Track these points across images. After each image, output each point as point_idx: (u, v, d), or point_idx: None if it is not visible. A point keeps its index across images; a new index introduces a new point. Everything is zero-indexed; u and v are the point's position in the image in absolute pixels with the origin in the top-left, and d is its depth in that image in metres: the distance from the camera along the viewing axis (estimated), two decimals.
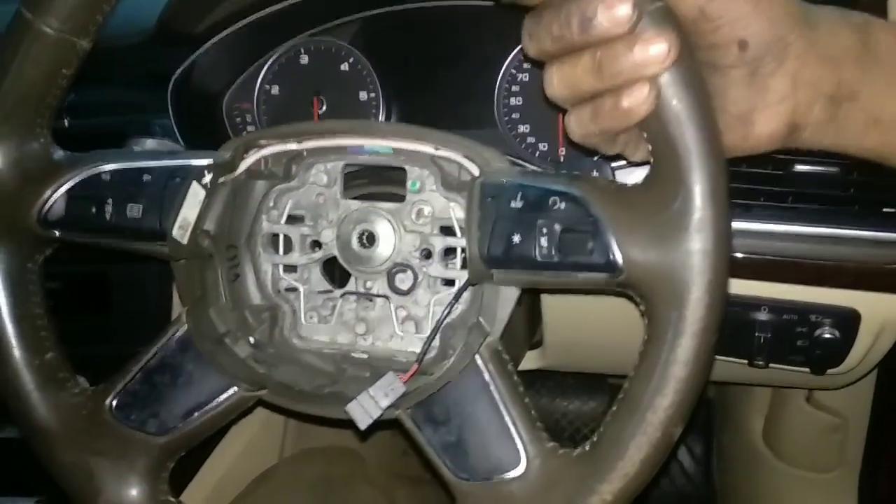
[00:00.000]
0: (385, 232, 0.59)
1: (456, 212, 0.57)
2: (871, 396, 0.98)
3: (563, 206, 0.48)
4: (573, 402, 1.35)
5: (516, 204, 0.49)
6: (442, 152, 0.56)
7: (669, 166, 0.44)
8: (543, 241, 0.48)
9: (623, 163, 0.66)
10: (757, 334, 0.68)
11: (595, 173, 0.53)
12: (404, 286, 0.59)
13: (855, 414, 1.00)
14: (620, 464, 0.45)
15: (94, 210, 0.57)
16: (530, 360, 0.84)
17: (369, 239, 0.59)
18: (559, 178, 0.50)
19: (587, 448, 0.48)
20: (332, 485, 1.03)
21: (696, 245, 0.43)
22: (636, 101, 0.43)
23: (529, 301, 0.73)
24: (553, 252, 0.48)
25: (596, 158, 0.72)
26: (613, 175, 0.60)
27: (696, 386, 0.44)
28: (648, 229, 0.45)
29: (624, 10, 0.41)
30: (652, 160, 0.45)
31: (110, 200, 0.57)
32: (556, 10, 0.44)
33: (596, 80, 0.44)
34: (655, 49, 0.41)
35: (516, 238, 0.49)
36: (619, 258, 0.46)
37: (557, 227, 0.48)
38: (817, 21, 0.46)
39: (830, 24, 0.46)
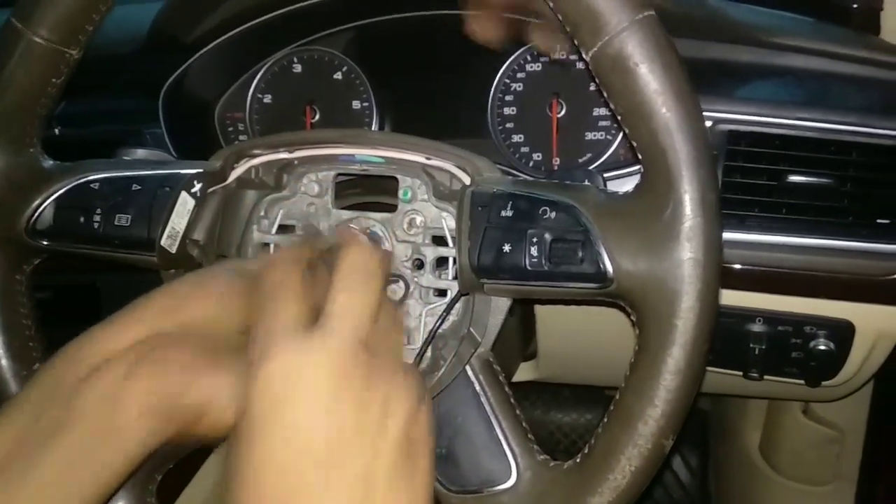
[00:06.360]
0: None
1: (448, 221, 0.57)
2: (868, 409, 0.97)
3: (553, 215, 0.48)
4: (569, 415, 1.34)
5: (507, 213, 0.49)
6: (433, 162, 0.55)
7: (660, 175, 0.44)
8: (534, 251, 0.47)
9: (615, 172, 0.67)
10: (751, 346, 0.68)
11: (587, 182, 0.52)
12: (396, 296, 0.59)
13: (852, 426, 0.99)
14: (611, 476, 0.45)
15: (82, 219, 0.56)
16: (524, 372, 0.83)
17: None
18: (549, 188, 0.50)
19: (578, 460, 0.48)
20: None
21: (687, 254, 0.43)
22: None
23: (523, 312, 0.72)
24: (543, 261, 0.47)
25: (588, 168, 0.72)
26: (605, 184, 0.60)
27: (688, 396, 0.44)
28: (639, 238, 0.45)
29: None
30: (643, 169, 0.45)
31: (99, 210, 0.56)
32: None
33: None
34: None
35: (506, 247, 0.48)
36: (609, 268, 0.45)
37: (548, 236, 0.47)
38: None
39: None
